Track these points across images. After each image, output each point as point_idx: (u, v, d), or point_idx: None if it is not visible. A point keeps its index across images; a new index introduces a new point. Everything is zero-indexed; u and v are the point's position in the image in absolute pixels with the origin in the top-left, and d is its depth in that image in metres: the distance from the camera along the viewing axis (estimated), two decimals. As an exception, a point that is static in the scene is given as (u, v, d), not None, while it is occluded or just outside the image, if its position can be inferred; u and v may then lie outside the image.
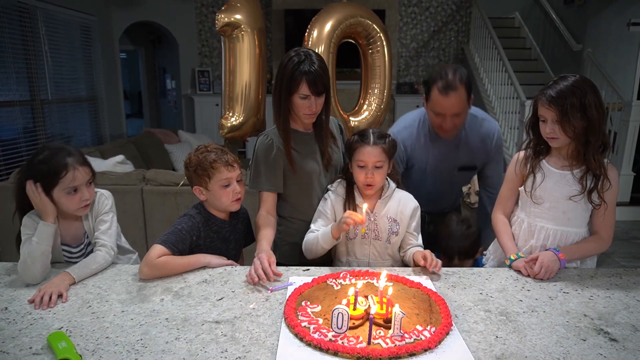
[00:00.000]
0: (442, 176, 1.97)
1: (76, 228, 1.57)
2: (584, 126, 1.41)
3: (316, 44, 3.61)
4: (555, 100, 1.41)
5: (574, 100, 1.39)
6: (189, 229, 1.55)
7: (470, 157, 1.92)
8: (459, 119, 1.76)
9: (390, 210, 1.61)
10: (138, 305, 1.26)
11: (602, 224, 1.52)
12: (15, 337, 1.11)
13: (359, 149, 1.56)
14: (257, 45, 3.61)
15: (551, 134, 1.46)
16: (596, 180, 1.46)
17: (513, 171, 1.63)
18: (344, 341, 1.05)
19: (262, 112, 3.75)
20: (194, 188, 1.60)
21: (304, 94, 1.55)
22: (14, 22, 3.99)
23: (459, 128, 1.83)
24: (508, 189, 1.67)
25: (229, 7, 3.56)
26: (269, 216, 1.66)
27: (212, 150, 1.58)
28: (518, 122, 5.02)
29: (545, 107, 1.44)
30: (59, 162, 1.43)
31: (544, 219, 1.56)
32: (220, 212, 1.63)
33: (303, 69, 1.52)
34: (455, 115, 1.73)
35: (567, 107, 1.39)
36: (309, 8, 6.23)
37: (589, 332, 1.13)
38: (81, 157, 1.50)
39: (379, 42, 3.84)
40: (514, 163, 1.63)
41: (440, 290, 1.34)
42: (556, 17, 6.10)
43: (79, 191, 1.47)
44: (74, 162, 1.45)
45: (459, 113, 1.73)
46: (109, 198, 1.63)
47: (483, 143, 1.91)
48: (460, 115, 1.74)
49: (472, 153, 1.91)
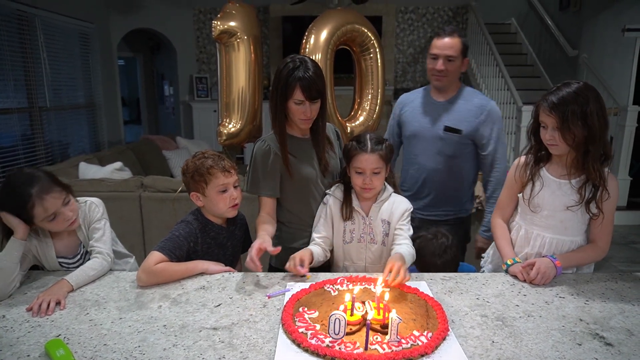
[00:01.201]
0: (430, 141, 2.03)
1: (70, 240, 1.58)
2: (584, 135, 1.40)
3: (313, 50, 3.63)
4: (556, 107, 1.40)
5: (575, 107, 1.37)
6: (186, 236, 1.55)
7: (456, 119, 2.01)
8: (450, 65, 1.95)
9: (384, 213, 1.63)
10: (136, 312, 1.27)
11: (600, 233, 1.53)
12: (13, 344, 1.11)
13: (356, 156, 1.57)
14: (253, 52, 3.63)
15: (551, 141, 1.45)
16: (595, 190, 1.46)
17: (513, 177, 1.63)
18: (341, 347, 1.06)
19: (259, 119, 3.77)
20: (191, 194, 1.61)
21: (299, 100, 1.56)
22: (12, 29, 4.00)
23: (451, 79, 2.00)
24: (507, 194, 1.67)
25: (225, 15, 3.58)
26: (269, 217, 1.68)
27: (209, 156, 1.59)
28: (515, 127, 5.05)
29: (546, 114, 1.43)
30: (22, 195, 1.40)
31: (541, 227, 1.57)
32: (218, 218, 1.64)
33: (297, 75, 1.54)
34: (447, 59, 1.94)
35: (568, 114, 1.38)
36: (307, 15, 6.26)
37: (585, 336, 1.13)
38: (47, 181, 1.45)
39: (372, 48, 3.88)
40: (515, 168, 1.63)
41: (437, 296, 1.35)
42: (552, 23, 6.15)
43: (59, 215, 1.46)
44: (38, 192, 1.41)
45: (450, 57, 1.94)
46: (99, 206, 1.62)
47: (473, 112, 2.01)
48: (452, 61, 1.95)
49: (460, 116, 2.01)
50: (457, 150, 2.03)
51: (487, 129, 2.00)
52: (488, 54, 5.99)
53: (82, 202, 1.60)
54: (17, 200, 1.40)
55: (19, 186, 1.41)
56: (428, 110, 2.08)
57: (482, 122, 1.99)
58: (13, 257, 1.40)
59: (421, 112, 2.09)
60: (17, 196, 1.40)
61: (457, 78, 2.04)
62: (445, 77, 1.98)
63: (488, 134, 2.01)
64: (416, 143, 2.10)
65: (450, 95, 2.05)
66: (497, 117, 2.03)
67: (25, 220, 1.43)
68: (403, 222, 1.63)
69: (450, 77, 2.00)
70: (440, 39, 1.96)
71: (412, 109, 2.13)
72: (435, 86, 2.05)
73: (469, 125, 2.00)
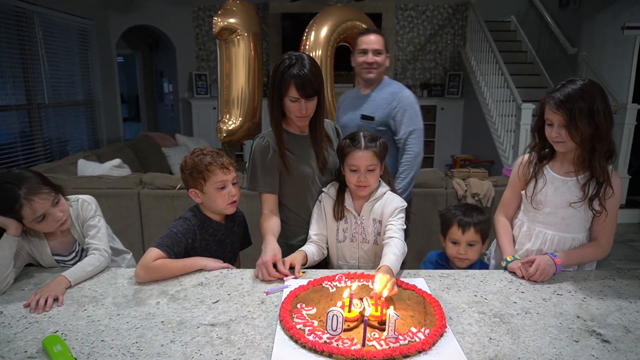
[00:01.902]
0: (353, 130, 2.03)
1: (64, 238, 1.57)
2: (591, 132, 1.39)
3: (314, 47, 3.62)
4: (563, 104, 1.39)
5: (582, 105, 1.37)
6: (185, 232, 1.55)
7: (372, 108, 2.21)
8: (379, 57, 2.17)
9: (376, 213, 1.61)
10: (133, 308, 1.27)
11: (602, 231, 1.52)
12: (10, 340, 1.11)
13: (350, 154, 1.57)
14: (253, 49, 3.62)
15: (557, 138, 1.44)
16: (599, 187, 1.45)
17: (516, 174, 1.63)
18: (339, 343, 1.06)
19: (258, 116, 3.76)
20: (189, 191, 1.61)
21: (294, 97, 1.56)
22: (10, 26, 3.99)
23: (379, 70, 2.20)
24: (511, 192, 1.67)
25: (226, 12, 3.58)
26: (272, 215, 1.68)
27: (208, 153, 1.58)
28: (514, 124, 5.04)
29: (553, 111, 1.42)
30: (10, 196, 1.39)
31: (543, 224, 1.57)
32: (216, 215, 1.64)
33: (292, 73, 1.53)
34: (375, 52, 2.16)
35: (576, 111, 1.37)
36: (306, 12, 6.26)
37: (582, 333, 1.14)
38: (36, 182, 1.44)
39: None
40: (518, 165, 1.63)
41: (435, 292, 1.35)
42: (551, 21, 6.13)
43: (48, 216, 1.45)
44: (27, 193, 1.40)
45: (377, 50, 2.16)
46: (91, 203, 1.61)
47: (386, 100, 2.19)
48: (379, 53, 2.17)
49: (376, 104, 2.21)
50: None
51: (399, 114, 2.15)
52: (488, 52, 5.98)
53: (74, 200, 1.59)
54: (5, 201, 1.39)
55: (6, 187, 1.40)
56: (355, 103, 2.28)
57: (393, 109, 2.16)
58: (6, 253, 1.40)
59: (350, 105, 2.32)
60: (5, 197, 1.39)
61: (383, 71, 2.23)
62: (375, 69, 2.18)
63: (400, 119, 2.15)
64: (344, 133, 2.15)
65: (374, 87, 2.25)
66: (409, 103, 2.17)
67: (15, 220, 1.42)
68: (394, 218, 1.58)
69: (379, 69, 2.20)
70: (367, 36, 2.18)
71: (345, 104, 2.35)
72: (366, 79, 2.22)
73: (382, 112, 2.17)
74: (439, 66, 7.24)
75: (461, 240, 1.62)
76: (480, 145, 6.25)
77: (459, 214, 1.65)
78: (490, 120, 5.88)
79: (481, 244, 1.64)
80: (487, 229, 1.63)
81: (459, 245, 1.63)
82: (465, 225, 1.62)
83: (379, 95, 2.22)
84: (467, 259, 1.63)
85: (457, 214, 1.65)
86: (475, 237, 1.61)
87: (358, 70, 2.24)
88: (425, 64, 7.24)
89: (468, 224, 1.61)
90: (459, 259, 1.63)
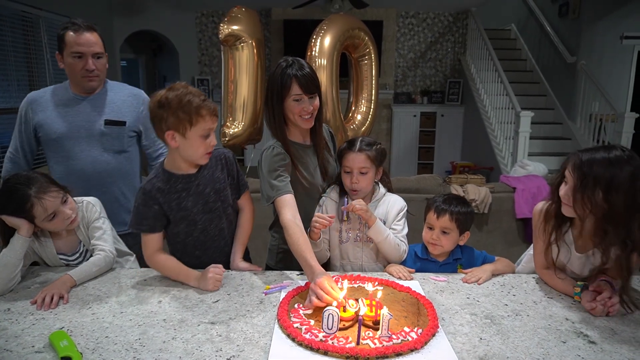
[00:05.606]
0: (85, 135, 1.90)
1: (70, 239, 1.61)
2: (603, 210, 1.22)
3: (320, 55, 3.68)
4: (581, 166, 1.24)
5: (602, 173, 1.20)
6: (144, 203, 1.47)
7: (117, 111, 1.98)
8: (99, 63, 1.92)
9: (380, 213, 1.66)
10: (136, 306, 1.31)
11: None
12: (18, 336, 1.15)
13: (345, 156, 1.63)
14: (257, 55, 3.68)
15: (564, 199, 1.31)
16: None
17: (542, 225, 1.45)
18: (334, 341, 1.10)
19: (260, 121, 3.81)
20: (166, 132, 1.39)
21: (297, 94, 1.55)
22: (16, 30, 4.06)
23: (102, 77, 1.97)
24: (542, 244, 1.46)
25: (231, 19, 3.64)
26: (296, 221, 1.50)
27: (195, 93, 1.39)
28: (513, 132, 5.09)
29: (569, 170, 1.28)
30: (21, 196, 1.43)
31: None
32: (183, 165, 1.48)
33: (292, 72, 1.55)
34: (95, 56, 1.89)
35: (590, 178, 1.21)
36: (308, 18, 6.33)
37: (569, 334, 1.17)
38: (44, 182, 1.48)
39: (368, 55, 3.98)
40: (538, 216, 1.47)
41: (429, 295, 1.39)
42: (551, 30, 6.20)
43: (58, 213, 1.49)
44: (37, 192, 1.44)
45: (97, 54, 1.90)
46: (96, 205, 1.65)
47: (129, 102, 2.02)
48: (101, 57, 1.92)
49: (119, 108, 1.99)
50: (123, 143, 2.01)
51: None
52: (487, 60, 6.04)
53: (79, 202, 1.62)
54: (16, 201, 1.43)
55: (17, 188, 1.44)
56: (76, 111, 1.93)
57: (144, 112, 2.00)
58: (17, 253, 1.44)
59: (62, 115, 1.92)
60: (16, 197, 1.43)
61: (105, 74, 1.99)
62: (97, 76, 1.92)
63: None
64: (61, 145, 1.92)
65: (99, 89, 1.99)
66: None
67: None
68: (399, 222, 1.67)
69: (102, 76, 1.97)
70: (80, 36, 1.86)
71: (46, 113, 1.95)
72: (87, 88, 1.93)
73: (131, 116, 2.00)
74: (439, 73, 7.30)
75: (435, 226, 1.61)
76: (479, 152, 6.30)
77: (439, 200, 1.65)
78: (489, 127, 5.93)
79: (457, 233, 1.62)
80: (466, 220, 1.62)
81: (433, 230, 1.63)
82: (440, 211, 1.61)
83: (117, 97, 2.03)
84: (440, 246, 1.62)
85: (438, 200, 1.65)
86: (449, 225, 1.59)
87: (77, 77, 1.91)
88: (425, 71, 7.30)
89: (444, 211, 1.60)
90: (432, 244, 1.63)
